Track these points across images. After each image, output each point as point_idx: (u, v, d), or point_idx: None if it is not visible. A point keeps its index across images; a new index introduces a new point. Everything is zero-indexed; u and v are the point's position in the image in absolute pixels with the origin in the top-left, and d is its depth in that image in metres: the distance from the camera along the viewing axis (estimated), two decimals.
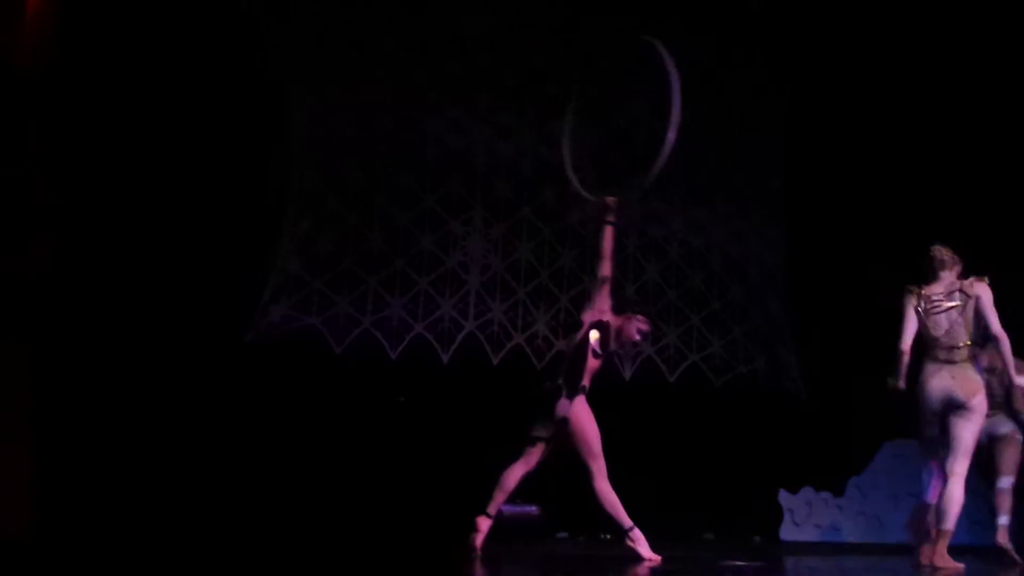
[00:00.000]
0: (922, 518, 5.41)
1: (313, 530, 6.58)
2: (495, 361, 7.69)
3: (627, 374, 8.03)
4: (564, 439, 5.19)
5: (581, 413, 5.20)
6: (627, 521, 5.21)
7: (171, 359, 6.78)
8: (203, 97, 7.11)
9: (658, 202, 8.08)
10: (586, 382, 5.25)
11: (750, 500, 8.18)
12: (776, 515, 8.33)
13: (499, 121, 7.85)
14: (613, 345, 5.41)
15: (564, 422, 5.15)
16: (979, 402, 5.15)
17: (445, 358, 7.55)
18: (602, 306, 5.35)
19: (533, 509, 7.33)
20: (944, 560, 5.06)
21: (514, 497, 5.65)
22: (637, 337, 5.48)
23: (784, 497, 8.37)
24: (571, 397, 5.19)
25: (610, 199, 5.46)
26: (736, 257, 8.45)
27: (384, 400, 7.42)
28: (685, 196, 8.23)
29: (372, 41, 7.55)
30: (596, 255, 5.45)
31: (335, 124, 7.52)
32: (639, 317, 5.49)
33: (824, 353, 8.35)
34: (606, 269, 5.36)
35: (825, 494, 8.45)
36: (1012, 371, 5.27)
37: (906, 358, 5.30)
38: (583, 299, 7.82)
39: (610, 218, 5.40)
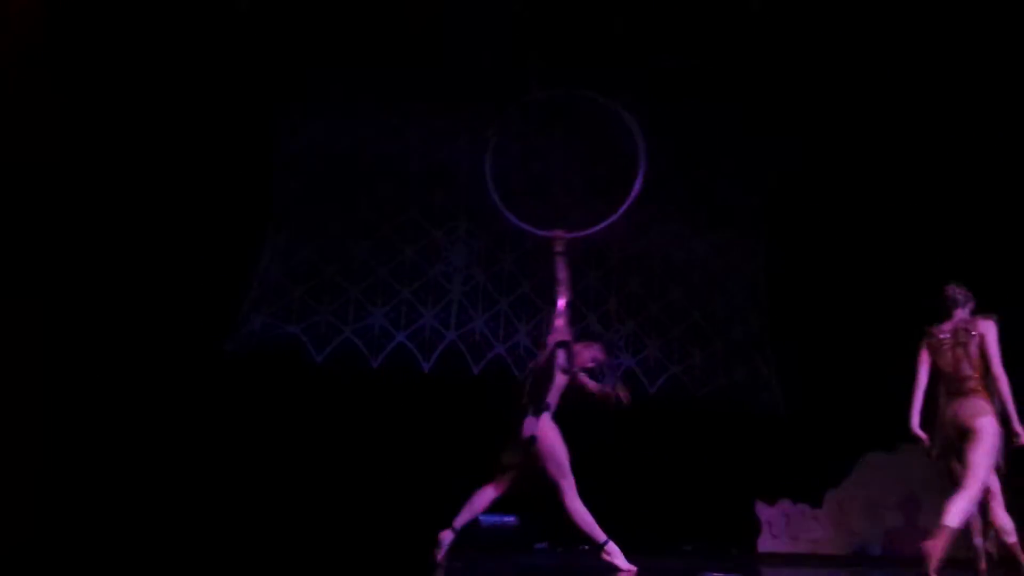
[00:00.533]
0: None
1: (294, 536, 6.58)
2: (476, 370, 7.70)
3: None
4: (533, 459, 5.24)
5: (548, 431, 5.27)
6: (601, 535, 5.26)
7: (152, 367, 6.75)
8: (185, 106, 7.08)
9: (641, 215, 8.14)
10: (552, 400, 5.34)
11: (728, 512, 8.22)
12: (754, 527, 8.37)
13: (483, 133, 7.85)
14: (572, 366, 5.49)
15: (532, 441, 5.20)
16: (984, 424, 5.14)
17: (427, 367, 7.56)
18: (562, 328, 5.46)
19: (511, 520, 7.34)
20: (934, 549, 4.98)
21: (495, 509, 5.69)
22: (591, 364, 5.61)
23: (761, 509, 8.41)
24: (537, 415, 5.24)
25: (559, 233, 5.63)
26: (716, 270, 8.49)
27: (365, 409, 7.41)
28: (667, 209, 8.28)
29: (355, 50, 7.55)
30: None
31: (317, 132, 7.52)
32: (597, 345, 5.67)
33: (802, 366, 8.40)
34: (563, 296, 5.48)
35: (803, 506, 8.48)
36: (1012, 410, 5.26)
37: (919, 393, 5.36)
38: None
39: (559, 249, 5.54)
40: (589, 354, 5.60)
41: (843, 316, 8.25)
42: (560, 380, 5.37)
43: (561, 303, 5.48)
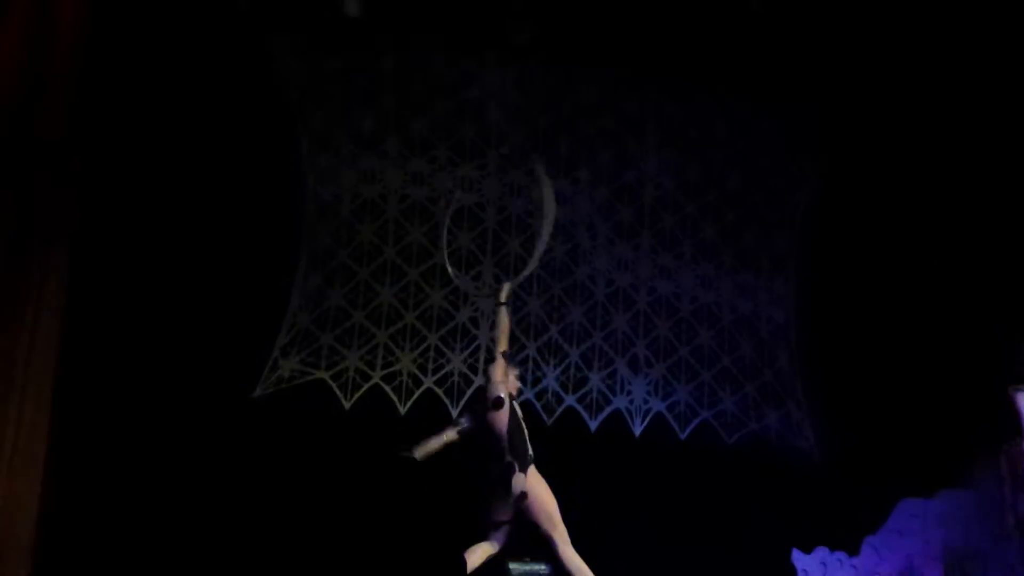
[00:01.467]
0: None
1: None
2: None
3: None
4: (524, 513, 5.28)
5: (536, 484, 5.31)
6: None
7: (179, 413, 6.80)
8: (218, 153, 7.24)
9: (668, 257, 8.17)
10: (530, 449, 5.49)
11: (763, 560, 8.05)
12: (790, 575, 8.18)
13: (509, 178, 7.95)
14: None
15: (523, 497, 5.24)
16: None
17: (455, 413, 7.53)
18: (502, 379, 5.60)
19: (544, 569, 7.23)
20: None
21: (524, 555, 5.67)
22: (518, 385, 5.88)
23: (798, 557, 8.23)
24: (524, 470, 5.34)
25: (503, 286, 6.03)
26: (746, 312, 8.45)
27: (392, 456, 7.39)
28: (694, 251, 8.30)
29: (381, 100, 7.73)
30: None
31: (346, 179, 7.67)
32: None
33: (836, 409, 8.28)
34: (503, 345, 5.71)
35: (840, 554, 8.29)
36: None
37: None
38: (591, 353, 7.94)
39: (503, 300, 5.84)
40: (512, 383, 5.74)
41: (877, 358, 8.15)
42: (522, 427, 5.51)
43: (502, 352, 5.67)
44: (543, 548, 5.97)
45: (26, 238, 5.68)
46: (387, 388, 7.42)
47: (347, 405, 7.34)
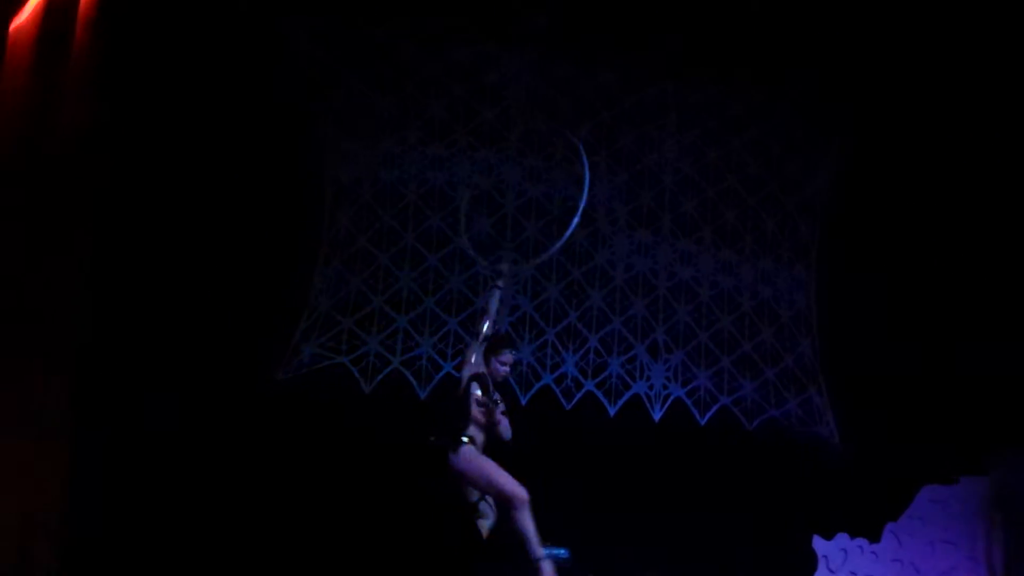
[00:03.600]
0: None
1: (337, 564, 6.59)
2: (523, 401, 7.67)
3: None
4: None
5: (469, 464, 5.29)
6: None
7: (201, 397, 6.86)
8: (238, 139, 7.27)
9: (688, 242, 8.14)
10: (475, 433, 5.40)
11: (784, 546, 8.04)
12: (811, 562, 8.16)
13: (528, 163, 7.93)
14: (495, 393, 5.52)
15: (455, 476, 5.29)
16: None
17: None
18: (478, 361, 5.48)
19: (563, 552, 7.25)
20: None
21: (543, 540, 5.67)
22: (505, 370, 5.62)
23: (819, 543, 8.20)
24: (455, 451, 5.31)
25: (505, 266, 5.88)
26: (766, 298, 8.40)
27: (413, 440, 7.42)
28: (714, 237, 8.26)
29: (400, 84, 7.73)
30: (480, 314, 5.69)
31: (366, 165, 7.67)
32: (499, 356, 5.59)
33: (857, 395, 8.24)
34: (485, 327, 5.53)
35: (860, 540, 8.26)
36: None
37: None
38: (610, 338, 7.92)
39: (500, 284, 5.71)
40: (496, 367, 5.55)
41: (899, 344, 8.10)
42: (476, 415, 5.40)
43: (482, 333, 5.51)
44: (561, 534, 6.00)
45: (48, 223, 5.74)
46: (407, 372, 7.45)
47: (367, 389, 7.37)
